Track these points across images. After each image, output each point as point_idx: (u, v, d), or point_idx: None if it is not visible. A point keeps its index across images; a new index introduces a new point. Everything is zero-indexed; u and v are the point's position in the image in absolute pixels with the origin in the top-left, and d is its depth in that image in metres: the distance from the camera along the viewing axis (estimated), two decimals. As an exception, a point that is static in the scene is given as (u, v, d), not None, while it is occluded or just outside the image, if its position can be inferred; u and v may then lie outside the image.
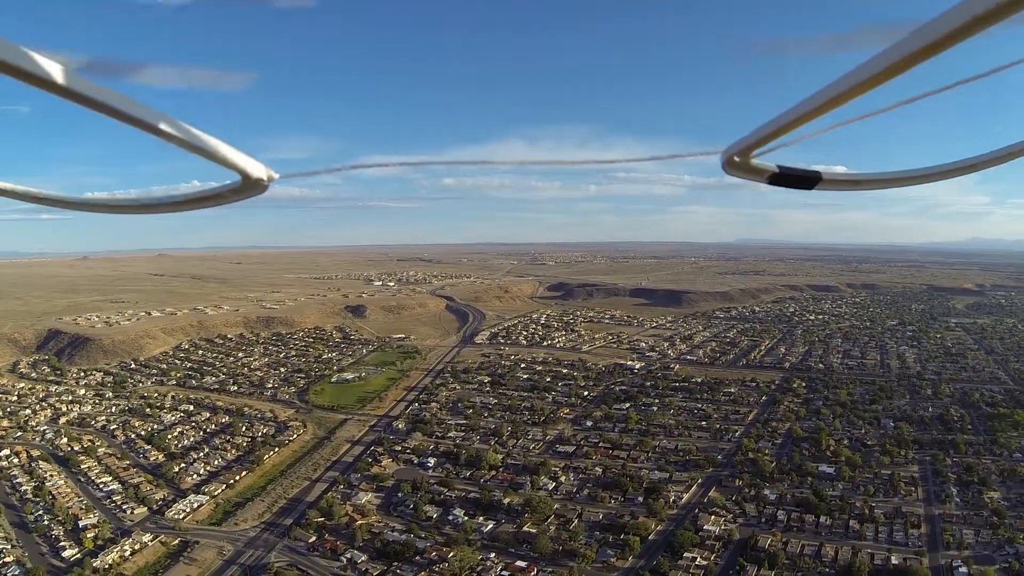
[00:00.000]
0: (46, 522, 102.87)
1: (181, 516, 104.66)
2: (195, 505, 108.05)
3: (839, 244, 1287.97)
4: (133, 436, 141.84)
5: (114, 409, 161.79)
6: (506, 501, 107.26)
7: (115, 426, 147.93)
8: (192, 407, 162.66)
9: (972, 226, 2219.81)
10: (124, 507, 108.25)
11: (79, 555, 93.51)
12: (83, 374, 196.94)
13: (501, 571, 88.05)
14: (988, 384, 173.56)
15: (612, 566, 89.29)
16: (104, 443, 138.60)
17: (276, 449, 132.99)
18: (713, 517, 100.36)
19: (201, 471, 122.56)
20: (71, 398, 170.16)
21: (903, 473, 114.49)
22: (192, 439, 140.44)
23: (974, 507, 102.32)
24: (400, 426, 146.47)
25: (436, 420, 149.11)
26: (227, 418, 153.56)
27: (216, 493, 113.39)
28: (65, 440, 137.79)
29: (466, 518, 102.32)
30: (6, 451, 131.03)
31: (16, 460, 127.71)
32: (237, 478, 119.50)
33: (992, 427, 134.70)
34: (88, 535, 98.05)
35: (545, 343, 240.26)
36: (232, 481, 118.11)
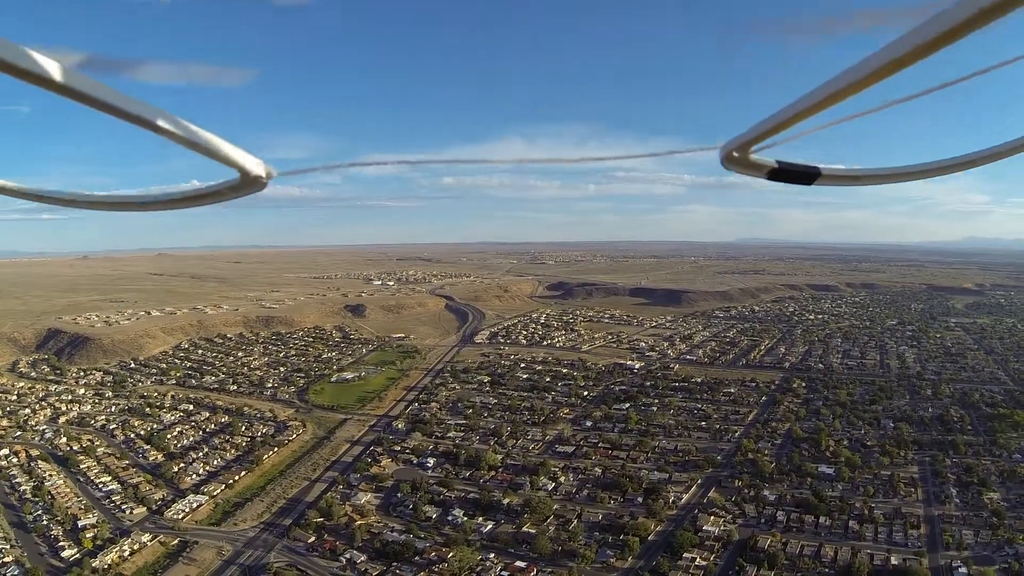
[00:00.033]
0: (45, 522, 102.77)
1: (180, 516, 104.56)
2: (194, 505, 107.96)
3: (838, 243, 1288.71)
4: (132, 436, 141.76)
5: (114, 409, 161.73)
6: (505, 501, 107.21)
7: (114, 426, 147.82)
8: (192, 407, 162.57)
9: (971, 225, 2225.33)
10: (123, 507, 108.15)
11: (78, 555, 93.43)
12: (83, 373, 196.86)
13: (500, 571, 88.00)
14: (988, 384, 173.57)
15: (611, 566, 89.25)
16: (103, 443, 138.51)
17: (275, 449, 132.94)
18: (712, 518, 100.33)
19: (200, 471, 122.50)
20: (70, 397, 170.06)
21: (903, 474, 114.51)
22: (191, 439, 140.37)
23: (974, 508, 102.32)
24: (400, 426, 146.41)
25: (436, 420, 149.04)
26: (227, 418, 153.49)
27: (215, 493, 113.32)
28: (64, 440, 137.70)
29: (465, 518, 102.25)
30: (5, 451, 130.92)
31: (15, 460, 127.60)
32: (236, 478, 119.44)
33: (992, 428, 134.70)
34: (87, 535, 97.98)
35: (545, 343, 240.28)
36: (231, 481, 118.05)
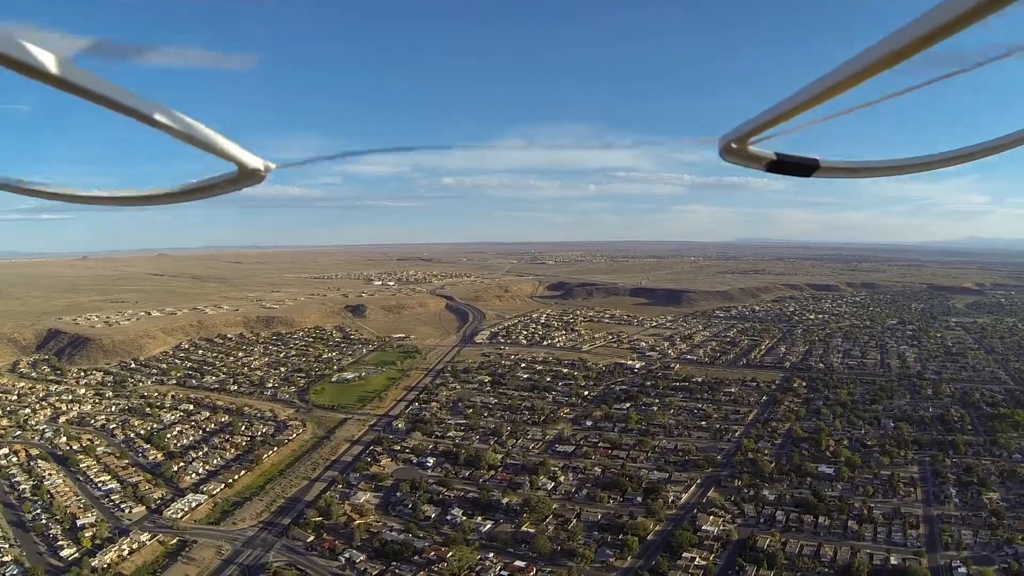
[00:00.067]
0: (44, 521, 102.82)
1: (179, 515, 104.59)
2: (193, 504, 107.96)
3: (839, 243, 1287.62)
4: (132, 435, 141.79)
5: (114, 408, 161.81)
6: (505, 501, 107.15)
7: (114, 425, 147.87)
8: (192, 406, 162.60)
9: (972, 225, 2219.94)
10: (122, 506, 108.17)
11: (77, 554, 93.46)
12: (83, 374, 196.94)
13: (500, 571, 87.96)
14: (988, 384, 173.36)
15: (611, 566, 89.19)
16: (103, 442, 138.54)
17: (275, 448, 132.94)
18: (712, 517, 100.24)
19: (200, 470, 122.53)
20: (71, 397, 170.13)
21: (902, 474, 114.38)
22: (191, 438, 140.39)
23: (973, 508, 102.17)
24: (400, 426, 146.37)
25: (436, 420, 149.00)
26: (227, 417, 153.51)
27: (215, 492, 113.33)
28: (64, 439, 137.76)
29: (465, 518, 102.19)
30: (5, 450, 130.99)
31: (15, 459, 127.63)
32: (236, 477, 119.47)
33: (992, 427, 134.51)
34: (86, 534, 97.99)
35: (545, 343, 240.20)
36: (231, 480, 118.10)
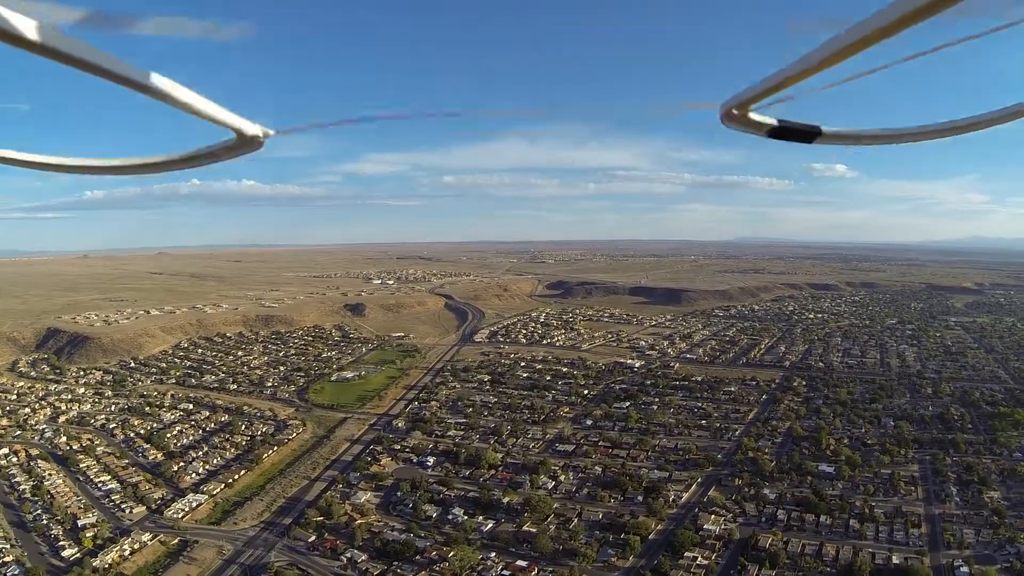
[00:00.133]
0: (45, 521, 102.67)
1: (180, 515, 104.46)
2: (194, 504, 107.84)
3: (838, 242, 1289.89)
4: (132, 435, 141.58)
5: (113, 408, 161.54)
6: (505, 500, 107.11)
7: (114, 425, 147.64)
8: (191, 406, 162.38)
9: (972, 224, 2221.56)
10: (123, 506, 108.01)
11: (78, 554, 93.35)
12: (82, 373, 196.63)
13: (501, 570, 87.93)
14: (988, 383, 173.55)
15: (613, 565, 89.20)
16: (103, 442, 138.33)
17: (275, 448, 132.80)
18: (713, 516, 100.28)
19: (200, 470, 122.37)
20: (70, 397, 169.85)
21: (903, 472, 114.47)
22: (191, 438, 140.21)
23: (974, 507, 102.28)
24: (400, 425, 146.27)
25: (436, 419, 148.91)
26: (226, 417, 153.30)
27: (215, 492, 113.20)
28: (64, 439, 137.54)
29: (466, 517, 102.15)
30: (5, 450, 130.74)
31: (15, 459, 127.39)
32: (236, 477, 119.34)
33: (992, 426, 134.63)
34: (87, 534, 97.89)
35: (545, 341, 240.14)
36: (231, 480, 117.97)
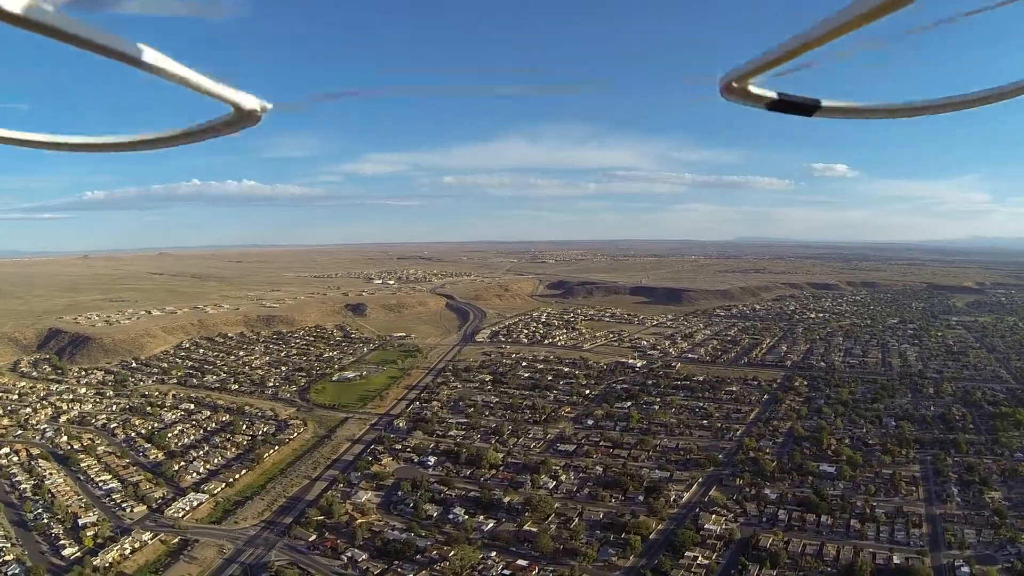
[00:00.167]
0: (45, 520, 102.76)
1: (181, 514, 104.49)
2: (195, 503, 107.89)
3: (839, 242, 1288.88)
4: (133, 434, 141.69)
5: (115, 408, 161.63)
6: (506, 500, 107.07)
7: (115, 424, 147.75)
8: (193, 406, 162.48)
9: (972, 224, 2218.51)
10: (123, 505, 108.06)
11: (79, 553, 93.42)
12: (84, 373, 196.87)
13: (502, 570, 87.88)
14: (990, 383, 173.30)
15: (613, 565, 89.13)
16: (104, 441, 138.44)
17: (276, 447, 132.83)
18: (714, 516, 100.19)
19: (201, 469, 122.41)
20: (72, 397, 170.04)
21: (904, 472, 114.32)
22: (192, 437, 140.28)
23: (975, 507, 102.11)
24: (401, 424, 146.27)
25: (437, 419, 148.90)
26: (227, 416, 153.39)
27: (216, 491, 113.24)
28: (65, 438, 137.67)
29: (466, 517, 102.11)
30: (6, 449, 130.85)
31: (16, 458, 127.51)
32: (237, 476, 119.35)
33: (994, 426, 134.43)
34: (88, 533, 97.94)
35: (546, 341, 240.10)
36: (232, 479, 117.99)
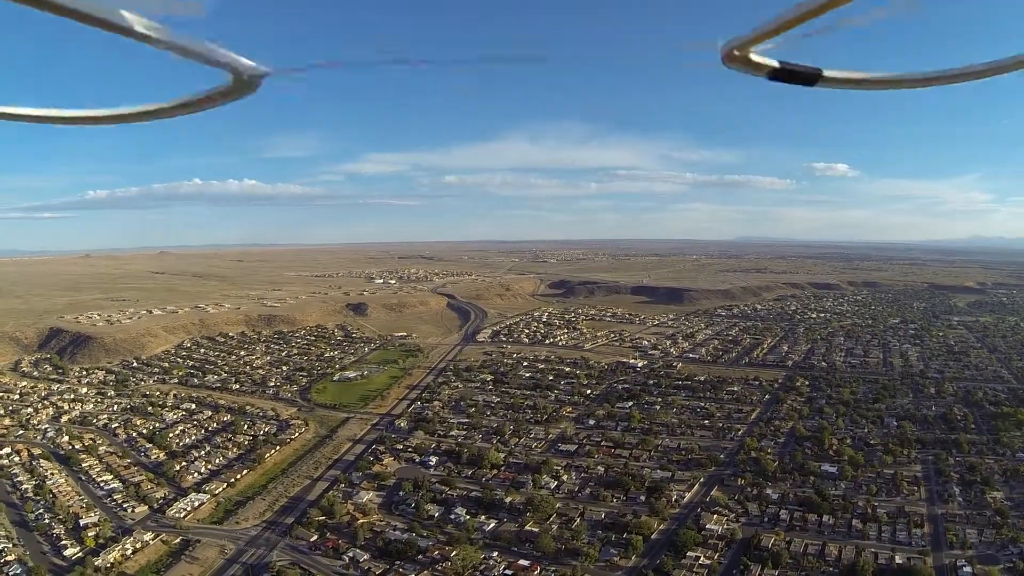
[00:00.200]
0: (47, 520, 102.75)
1: (182, 515, 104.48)
2: (196, 504, 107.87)
3: (840, 242, 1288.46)
4: (134, 434, 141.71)
5: (116, 407, 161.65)
6: (508, 500, 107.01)
7: (116, 424, 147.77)
8: (194, 405, 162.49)
9: (973, 224, 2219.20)
10: (125, 505, 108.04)
11: (80, 554, 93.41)
12: (85, 372, 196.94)
13: (504, 570, 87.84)
14: (991, 383, 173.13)
15: (615, 565, 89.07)
16: (105, 441, 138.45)
17: (277, 447, 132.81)
18: (716, 516, 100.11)
19: (202, 469, 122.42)
20: (73, 396, 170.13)
21: (906, 472, 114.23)
22: (193, 437, 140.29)
23: (977, 507, 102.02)
24: (402, 424, 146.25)
25: (438, 419, 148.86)
26: (229, 416, 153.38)
27: (217, 491, 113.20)
28: (66, 438, 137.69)
29: (468, 517, 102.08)
30: (7, 449, 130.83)
31: (17, 458, 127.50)
32: (238, 476, 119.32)
33: (995, 426, 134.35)
34: (89, 533, 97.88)
35: (547, 341, 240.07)
36: (233, 479, 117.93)
